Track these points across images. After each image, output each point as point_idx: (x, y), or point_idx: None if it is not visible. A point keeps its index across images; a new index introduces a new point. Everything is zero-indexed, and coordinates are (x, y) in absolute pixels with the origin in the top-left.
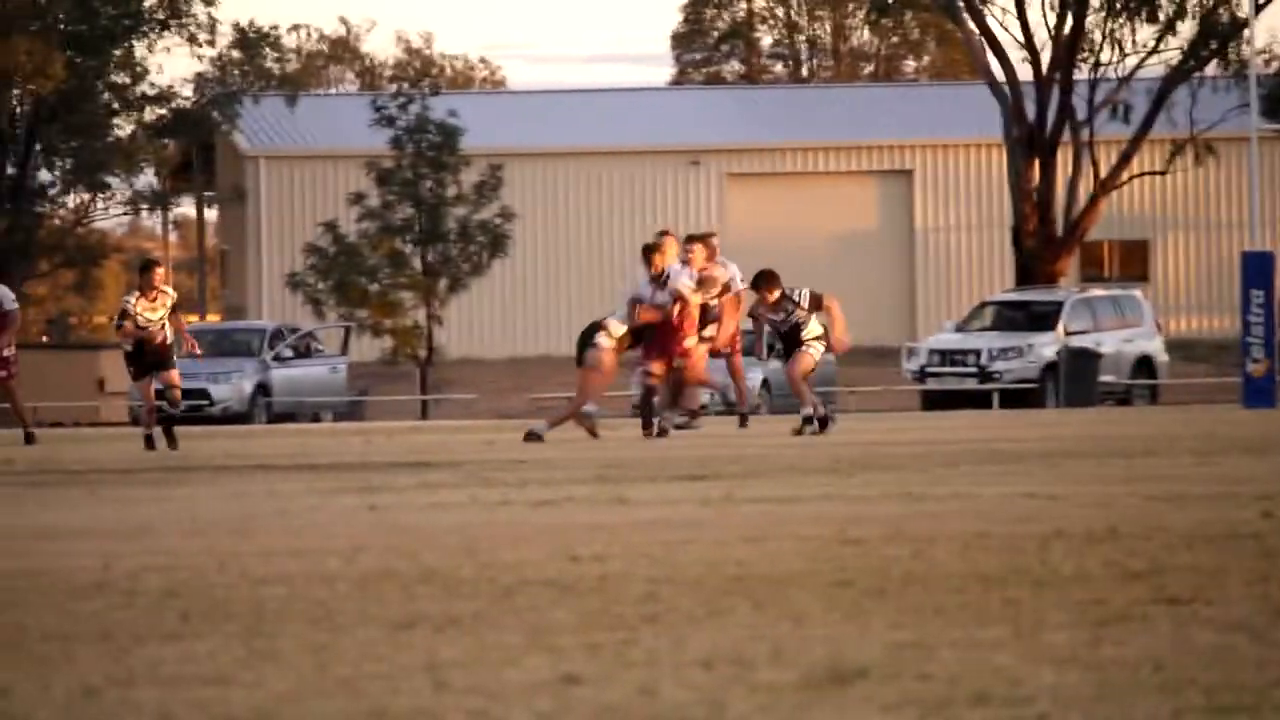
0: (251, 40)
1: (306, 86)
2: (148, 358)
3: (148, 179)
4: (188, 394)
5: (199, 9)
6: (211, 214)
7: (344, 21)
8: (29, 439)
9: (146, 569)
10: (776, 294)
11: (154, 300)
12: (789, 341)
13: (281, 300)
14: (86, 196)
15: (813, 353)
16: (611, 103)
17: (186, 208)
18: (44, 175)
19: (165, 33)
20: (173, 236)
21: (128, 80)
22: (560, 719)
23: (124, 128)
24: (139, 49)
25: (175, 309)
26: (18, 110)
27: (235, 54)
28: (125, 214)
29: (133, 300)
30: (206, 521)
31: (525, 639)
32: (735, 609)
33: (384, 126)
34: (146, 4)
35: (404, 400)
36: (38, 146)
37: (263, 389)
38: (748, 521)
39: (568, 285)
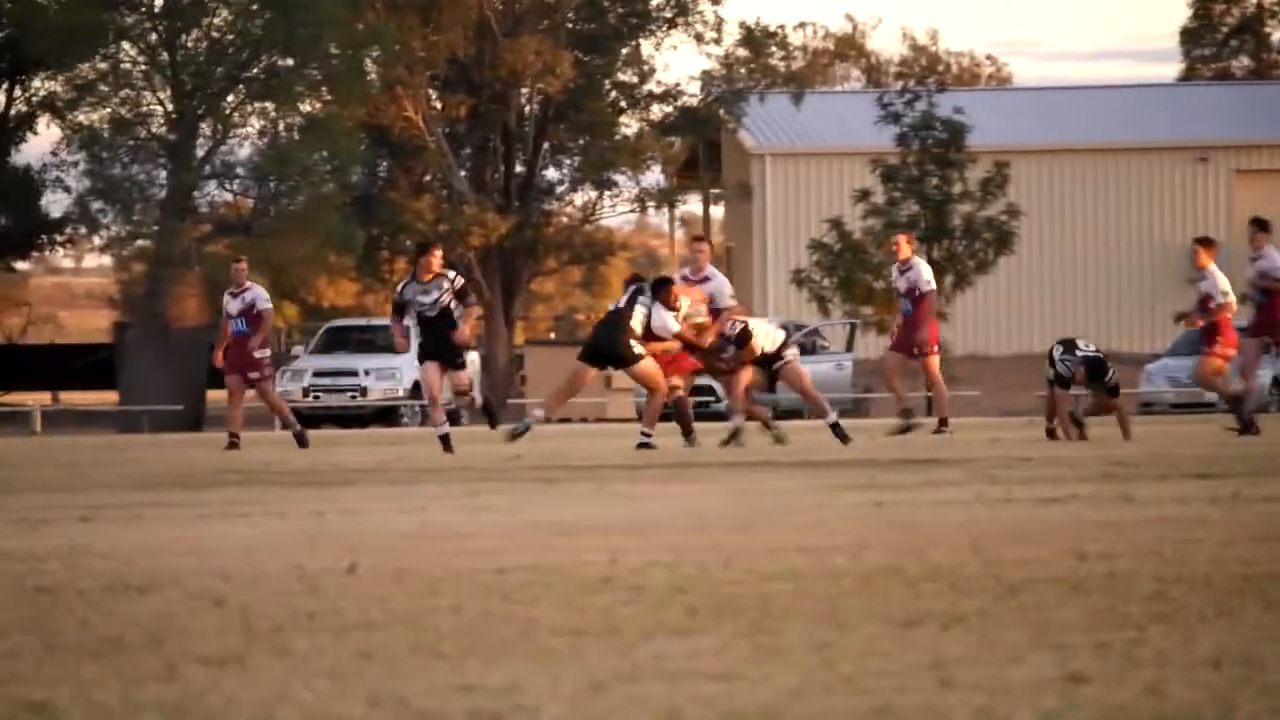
0: (758, 38)
1: (812, 84)
2: (430, 344)
3: (654, 176)
4: (700, 390)
5: (706, 7)
6: (717, 211)
7: (850, 19)
8: (301, 440)
9: (653, 564)
10: None
11: (429, 282)
12: None
13: (786, 297)
14: (593, 194)
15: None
16: (1117, 99)
17: (692, 205)
18: (551, 174)
19: (672, 31)
20: (678, 233)
21: (635, 79)
22: (1066, 717)
23: (630, 126)
24: (646, 47)
25: (462, 293)
26: (526, 109)
27: (742, 52)
28: (631, 211)
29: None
30: (712, 518)
31: (1031, 637)
32: (1245, 608)
33: (890, 124)
34: (654, 2)
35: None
36: (546, 145)
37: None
38: (1258, 520)
39: (1074, 283)
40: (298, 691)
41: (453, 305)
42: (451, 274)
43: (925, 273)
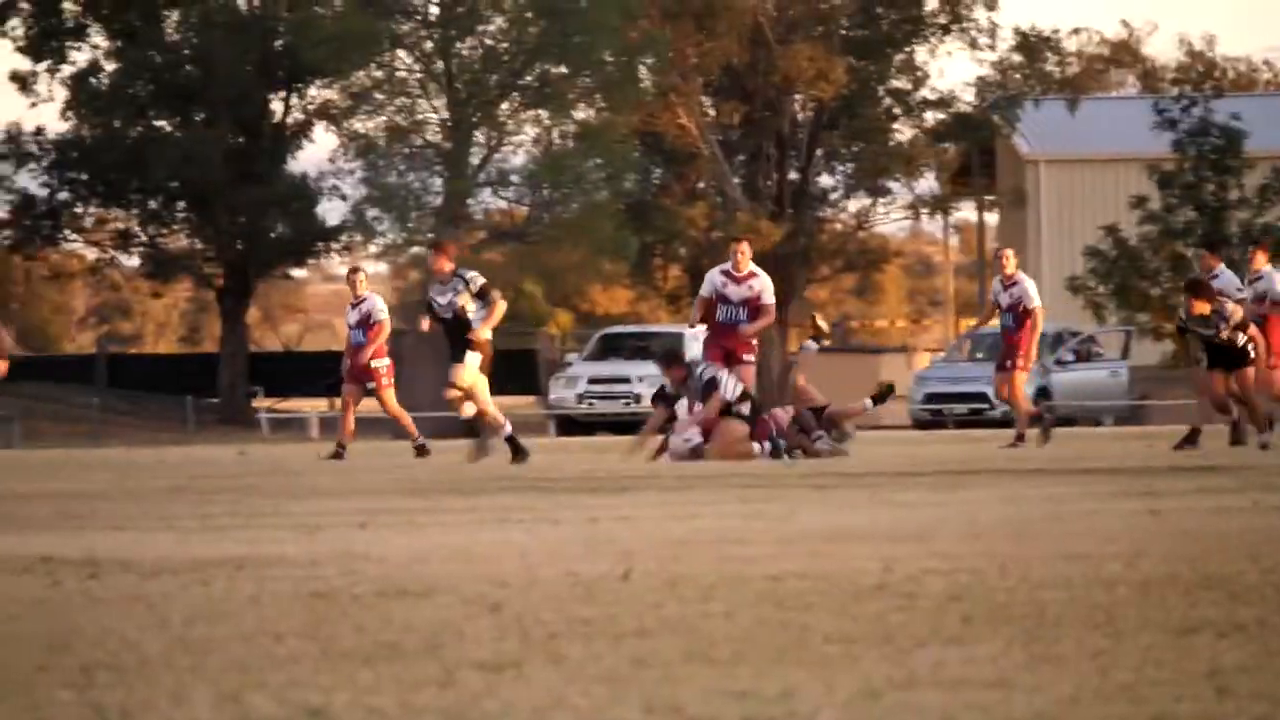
0: (1033, 44)
1: (1087, 90)
2: (448, 345)
3: (928, 183)
4: (968, 398)
5: (980, 13)
6: (991, 217)
7: (1126, 24)
8: (421, 451)
9: (927, 572)
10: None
11: (445, 284)
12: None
13: (1062, 303)
14: (867, 201)
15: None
16: None
17: (966, 211)
18: (825, 180)
19: (946, 37)
20: (953, 240)
21: (909, 85)
22: None
23: (904, 132)
24: (920, 53)
25: (482, 293)
26: (799, 116)
27: (1016, 58)
28: (905, 218)
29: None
30: (985, 525)
31: None
32: None
33: (1165, 130)
34: (928, 9)
35: (1186, 405)
36: (819, 152)
37: (1043, 393)
38: None
39: None
40: (573, 698)
41: (474, 307)
42: (470, 274)
43: (1032, 289)
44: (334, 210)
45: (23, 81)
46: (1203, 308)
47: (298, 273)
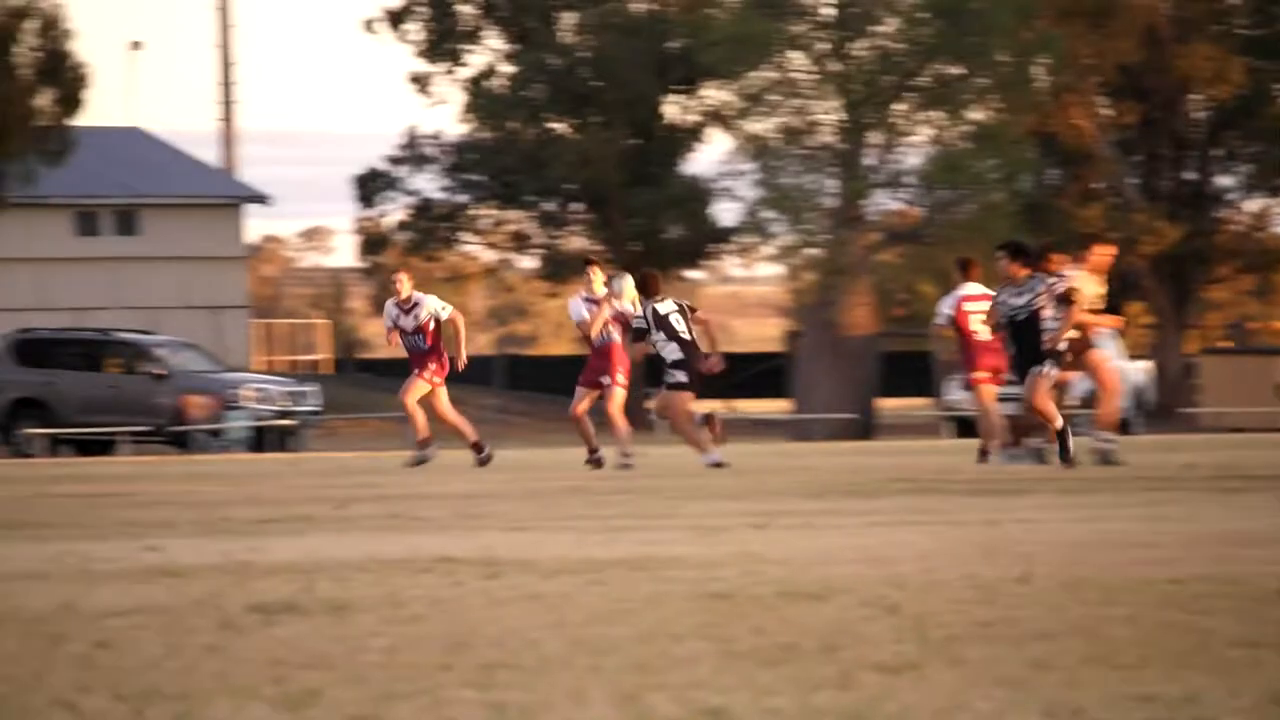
0: None
1: None
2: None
3: None
4: None
5: None
6: None
7: None
8: (479, 453)
9: None
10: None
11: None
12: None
13: None
14: (1266, 201)
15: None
16: None
17: None
18: (1223, 180)
19: None
20: None
21: None
22: None
23: None
24: None
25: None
26: (1198, 116)
27: None
28: None
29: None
30: None
31: None
32: None
33: None
34: None
35: None
36: (1217, 152)
37: None
38: None
39: None
40: (974, 701)
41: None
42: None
43: None
44: (728, 212)
45: (421, 84)
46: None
47: (692, 274)
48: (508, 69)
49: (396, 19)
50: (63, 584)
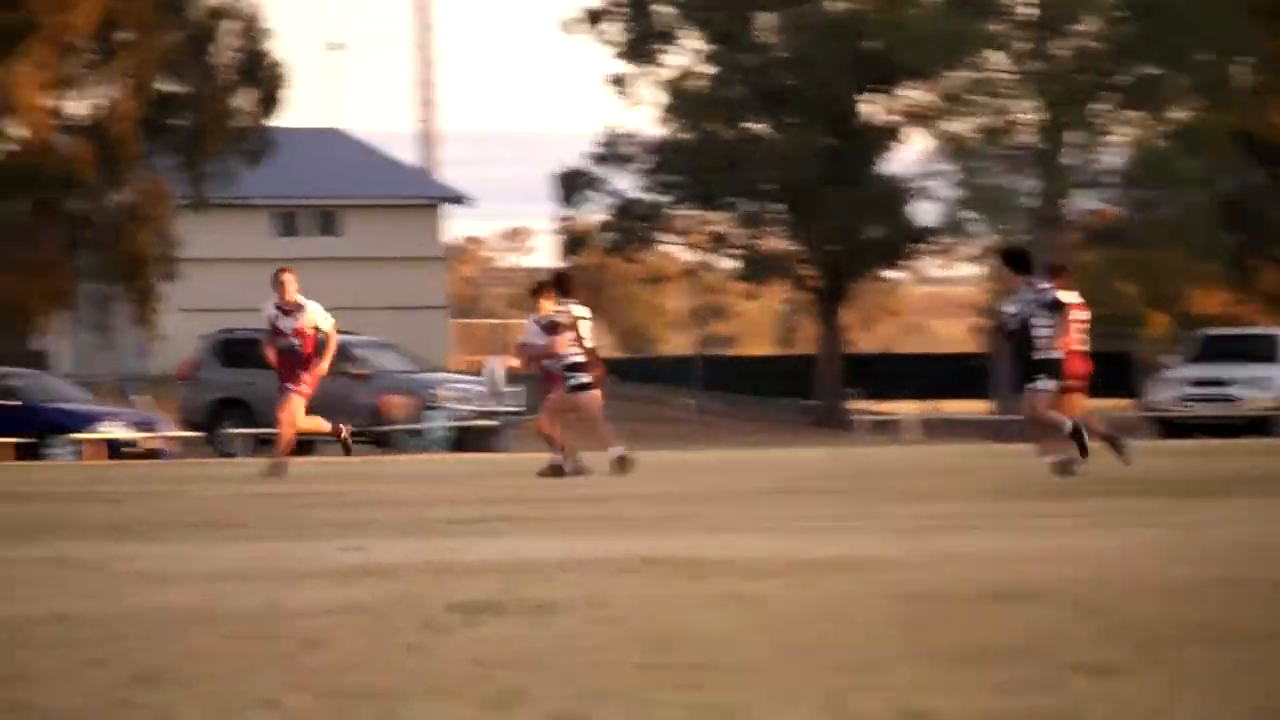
0: None
1: None
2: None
3: None
4: None
5: None
6: None
7: None
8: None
9: None
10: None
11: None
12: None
13: None
14: None
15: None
16: None
17: None
18: None
19: None
20: None
21: None
22: None
23: None
24: None
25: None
26: None
27: None
28: None
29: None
30: None
31: None
32: None
33: None
34: None
35: None
36: None
37: None
38: None
39: None
40: (1182, 703)
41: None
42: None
43: None
44: (927, 212)
45: (620, 84)
46: None
47: (891, 274)
48: (706, 69)
49: (595, 19)
50: (266, 584)
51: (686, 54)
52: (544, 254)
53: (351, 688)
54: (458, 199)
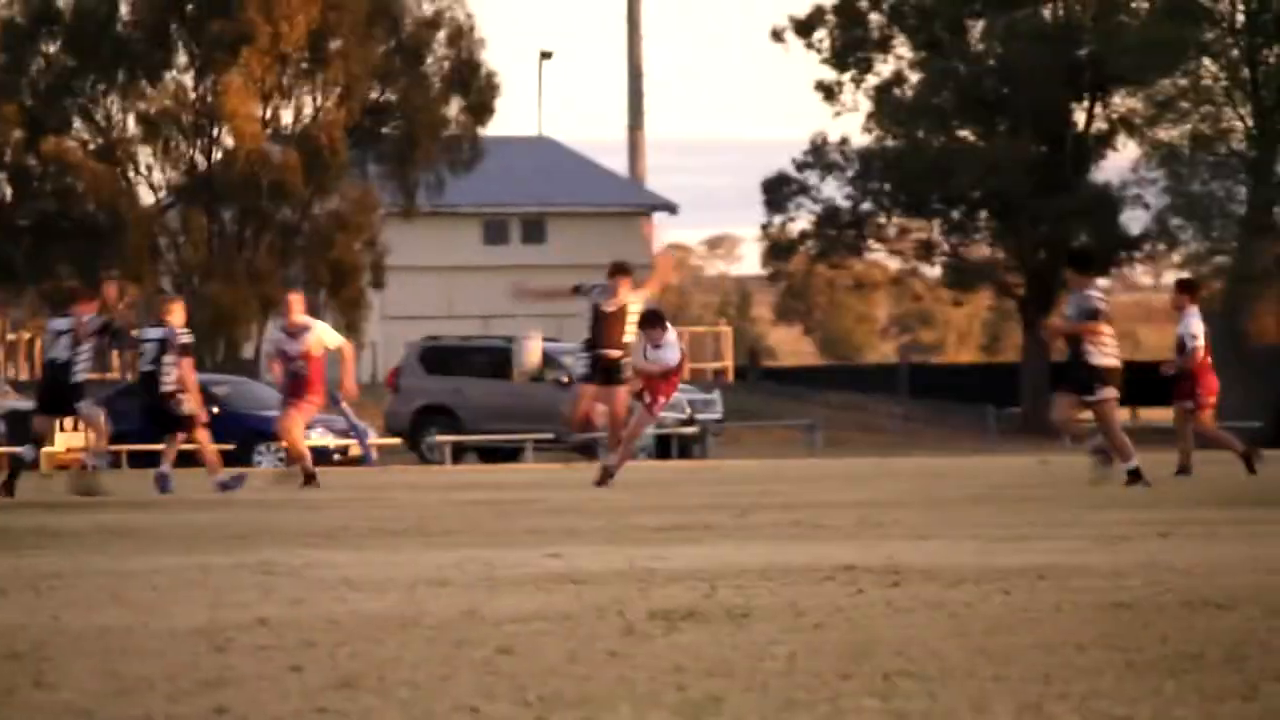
0: None
1: None
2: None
3: None
4: None
5: None
6: None
7: None
8: (309, 480)
9: None
10: None
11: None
12: None
13: None
14: None
15: None
16: None
17: None
18: None
19: None
20: None
21: None
22: None
23: None
24: None
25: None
26: None
27: None
28: None
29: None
30: None
31: None
32: None
33: None
34: None
35: None
36: None
37: None
38: None
39: None
40: None
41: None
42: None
43: None
44: (1136, 219)
45: (828, 91)
46: None
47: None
48: (916, 77)
49: (805, 28)
50: (466, 590)
51: (896, 61)
52: (749, 262)
53: (550, 694)
54: (665, 207)
